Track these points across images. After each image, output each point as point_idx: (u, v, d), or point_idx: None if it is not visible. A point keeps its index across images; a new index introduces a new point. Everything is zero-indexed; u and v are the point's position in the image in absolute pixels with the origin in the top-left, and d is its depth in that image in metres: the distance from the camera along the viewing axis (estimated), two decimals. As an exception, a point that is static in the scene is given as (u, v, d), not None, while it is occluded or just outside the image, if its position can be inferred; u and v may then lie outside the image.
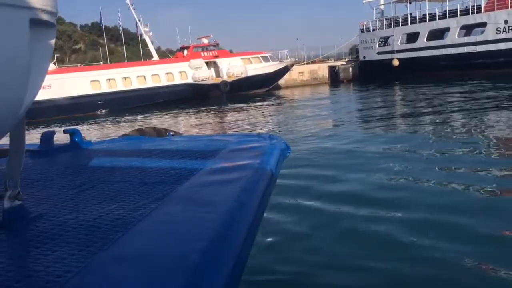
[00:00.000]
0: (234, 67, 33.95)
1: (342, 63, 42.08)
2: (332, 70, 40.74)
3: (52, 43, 1.42)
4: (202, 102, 28.85)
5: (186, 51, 35.04)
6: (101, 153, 2.85)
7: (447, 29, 33.91)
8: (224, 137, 3.24)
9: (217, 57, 34.85)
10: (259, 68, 34.71)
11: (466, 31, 33.46)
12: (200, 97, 30.54)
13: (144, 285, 1.08)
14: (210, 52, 35.04)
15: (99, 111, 28.68)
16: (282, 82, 37.82)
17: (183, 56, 34.75)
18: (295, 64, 39.03)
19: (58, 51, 56.72)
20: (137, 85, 31.13)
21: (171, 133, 3.97)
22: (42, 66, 1.37)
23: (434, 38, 34.75)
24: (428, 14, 35.86)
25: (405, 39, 37.25)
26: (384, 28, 39.54)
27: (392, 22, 38.57)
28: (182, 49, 36.14)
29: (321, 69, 41.57)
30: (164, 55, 41.88)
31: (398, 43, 37.38)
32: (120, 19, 41.21)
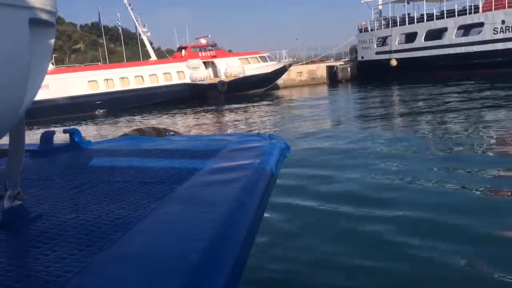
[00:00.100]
0: (232, 67, 33.92)
1: (341, 63, 42.09)
2: (331, 70, 40.72)
3: (52, 43, 1.42)
4: (200, 102, 28.84)
5: (184, 51, 35.03)
6: (101, 153, 2.85)
7: (445, 29, 33.97)
8: (224, 137, 3.24)
9: (215, 57, 34.82)
10: (257, 68, 34.68)
11: (464, 31, 33.52)
12: (198, 97, 30.52)
13: (144, 285, 1.08)
14: (208, 52, 35.02)
15: (97, 111, 28.61)
16: (281, 82, 37.78)
17: (181, 56, 34.73)
18: (294, 64, 39.00)
19: (58, 51, 56.50)
20: (135, 85, 31.08)
21: (171, 133, 3.96)
22: (42, 66, 1.37)
23: (432, 38, 34.81)
24: (426, 14, 35.90)
25: (403, 39, 37.30)
26: (382, 28, 39.57)
27: (390, 22, 38.60)
28: (180, 49, 36.14)
29: (320, 69, 41.54)
30: (163, 55, 41.84)
31: (396, 43, 37.42)
32: (119, 19, 41.19)
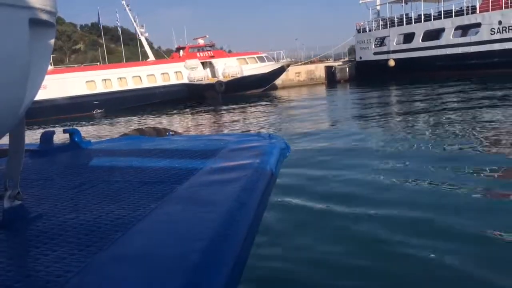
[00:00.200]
0: (230, 67, 33.93)
1: (339, 64, 42.12)
2: (329, 71, 40.73)
3: (52, 43, 1.42)
4: (198, 103, 28.83)
5: (182, 52, 35.04)
6: (101, 153, 2.85)
7: (442, 30, 34.01)
8: (224, 137, 3.25)
9: (213, 58, 34.84)
10: (255, 69, 34.68)
11: (461, 32, 33.58)
12: (196, 97, 30.53)
13: (144, 285, 1.08)
14: (206, 53, 35.05)
15: (95, 111, 28.57)
16: (279, 83, 37.77)
17: (179, 57, 34.73)
18: (292, 65, 39.02)
19: (58, 51, 56.31)
20: (133, 86, 31.07)
21: (171, 133, 3.96)
22: (42, 66, 1.37)
23: (430, 39, 34.84)
24: (424, 15, 35.96)
25: (401, 40, 37.34)
26: (380, 29, 39.60)
27: (388, 23, 38.62)
28: (178, 50, 36.14)
29: (318, 70, 41.53)
30: (162, 55, 41.81)
31: (394, 44, 37.45)
32: (118, 20, 41.14)
